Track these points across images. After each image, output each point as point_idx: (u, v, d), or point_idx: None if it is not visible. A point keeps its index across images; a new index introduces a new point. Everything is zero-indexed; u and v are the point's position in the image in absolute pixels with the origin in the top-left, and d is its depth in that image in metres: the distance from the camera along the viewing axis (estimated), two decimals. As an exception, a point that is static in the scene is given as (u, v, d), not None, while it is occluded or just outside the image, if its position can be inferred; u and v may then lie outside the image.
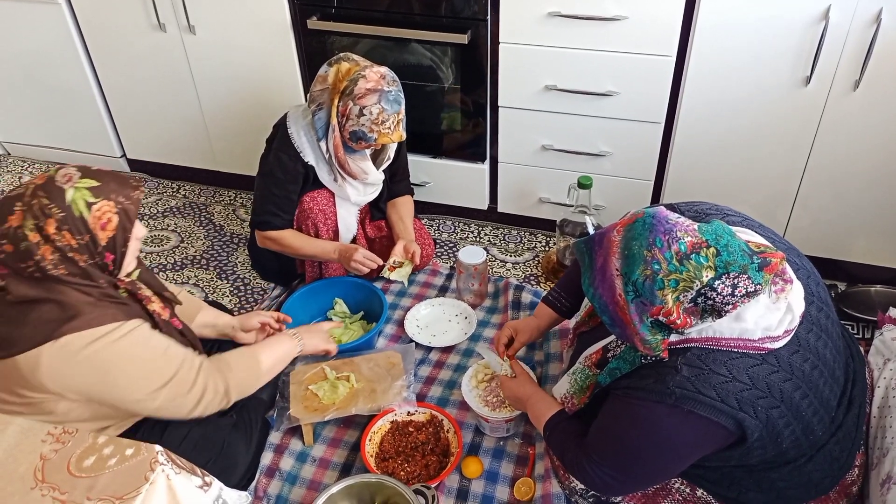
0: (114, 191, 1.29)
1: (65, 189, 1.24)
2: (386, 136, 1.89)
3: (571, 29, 2.00)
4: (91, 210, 1.25)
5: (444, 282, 2.32)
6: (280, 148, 1.96)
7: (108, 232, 1.28)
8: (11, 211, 1.23)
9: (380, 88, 1.84)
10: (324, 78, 1.90)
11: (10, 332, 1.23)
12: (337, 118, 1.89)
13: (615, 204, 2.32)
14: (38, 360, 1.21)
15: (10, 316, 1.24)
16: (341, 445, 1.76)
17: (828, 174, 2.04)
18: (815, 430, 1.25)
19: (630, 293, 1.16)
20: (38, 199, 1.23)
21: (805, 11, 1.79)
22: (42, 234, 1.22)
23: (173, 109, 2.61)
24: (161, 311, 1.44)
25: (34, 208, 1.23)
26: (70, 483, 0.98)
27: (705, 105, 2.02)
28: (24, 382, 1.24)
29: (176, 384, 1.34)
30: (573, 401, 1.44)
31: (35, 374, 1.22)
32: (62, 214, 1.23)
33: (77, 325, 1.24)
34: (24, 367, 1.22)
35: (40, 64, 2.65)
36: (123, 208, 1.30)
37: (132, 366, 1.30)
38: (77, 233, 1.25)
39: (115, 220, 1.28)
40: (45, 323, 1.23)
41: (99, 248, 1.28)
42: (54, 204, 1.23)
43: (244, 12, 2.27)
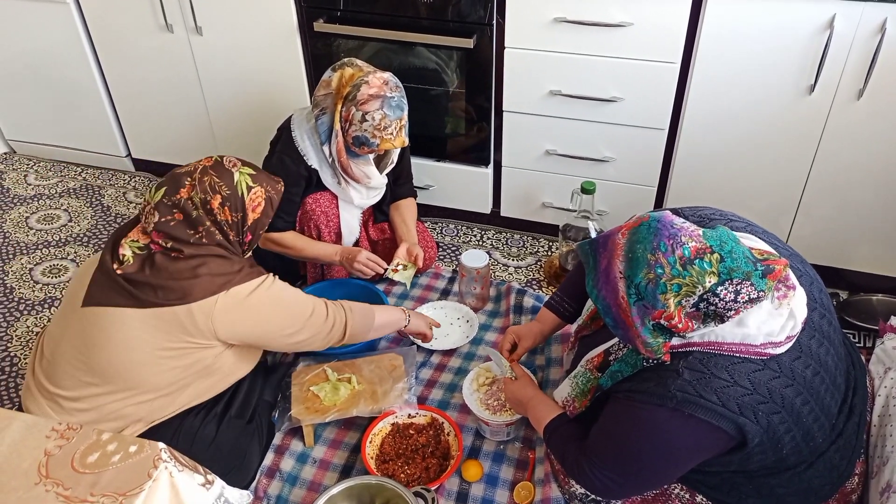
0: (265, 180, 1.52)
1: (233, 172, 1.46)
2: (388, 142, 1.90)
3: (577, 35, 2.01)
4: (249, 193, 1.47)
5: (447, 285, 2.32)
6: (283, 151, 1.97)
7: (255, 214, 1.50)
8: (183, 184, 1.43)
9: (382, 94, 1.85)
10: (327, 83, 1.90)
11: (182, 283, 1.40)
12: (340, 123, 1.89)
13: (618, 209, 2.32)
14: (213, 308, 1.43)
15: (176, 269, 1.42)
16: (342, 447, 1.76)
17: (831, 183, 2.04)
18: (815, 437, 1.26)
19: (632, 296, 1.16)
20: (210, 177, 1.43)
21: (810, 20, 1.80)
22: (206, 208, 1.43)
23: (179, 110, 2.62)
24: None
25: (205, 184, 1.43)
26: (74, 479, 0.99)
27: (709, 112, 2.03)
28: (191, 328, 1.42)
29: (317, 315, 1.60)
30: (574, 404, 1.44)
31: (208, 320, 1.43)
32: (228, 192, 1.44)
33: (241, 278, 1.47)
34: (198, 314, 1.41)
35: (47, 63, 2.66)
36: (270, 197, 1.53)
37: (284, 306, 1.55)
38: (234, 210, 1.46)
39: (262, 205, 1.50)
40: (219, 275, 1.44)
41: (245, 227, 1.50)
42: (224, 182, 1.44)
43: (251, 14, 2.28)
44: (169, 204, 1.42)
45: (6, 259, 2.47)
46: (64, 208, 2.75)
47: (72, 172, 2.96)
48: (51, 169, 2.98)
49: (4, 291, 2.33)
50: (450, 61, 2.21)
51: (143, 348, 1.42)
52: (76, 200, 2.79)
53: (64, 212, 2.73)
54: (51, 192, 2.84)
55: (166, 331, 1.42)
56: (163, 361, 1.45)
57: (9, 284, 2.36)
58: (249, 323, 1.49)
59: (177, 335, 1.43)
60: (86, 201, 2.79)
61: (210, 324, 1.43)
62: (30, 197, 2.82)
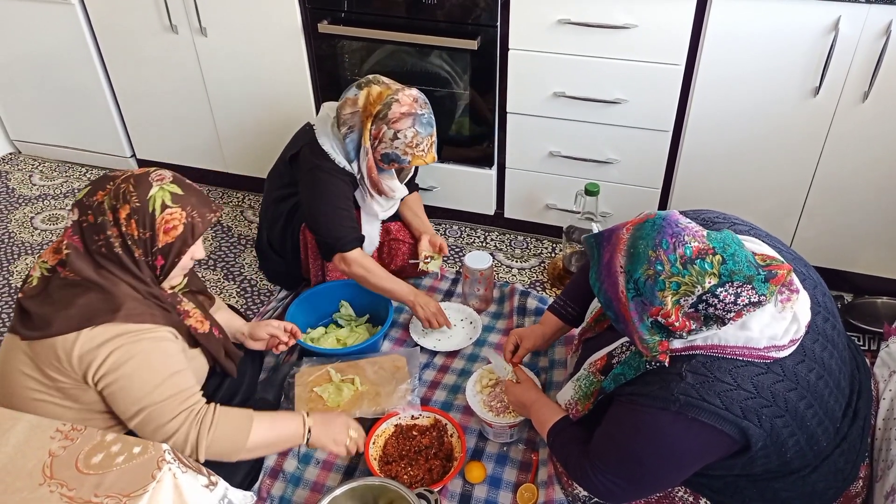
0: (192, 204, 1.37)
1: (152, 185, 1.34)
2: (419, 159, 1.91)
3: (581, 36, 2.01)
4: (163, 212, 1.33)
5: (450, 286, 2.32)
6: (321, 166, 1.93)
7: (168, 237, 1.35)
8: (103, 187, 1.34)
9: (413, 112, 1.86)
10: (353, 101, 1.90)
11: (53, 313, 1.29)
12: (370, 141, 1.90)
13: (622, 211, 2.32)
14: (74, 343, 1.27)
15: (58, 297, 1.31)
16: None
17: (835, 185, 2.04)
18: (819, 441, 1.25)
19: (631, 291, 1.16)
20: (126, 185, 1.33)
21: (815, 22, 1.80)
22: (115, 216, 1.32)
23: (184, 111, 2.63)
24: (199, 324, 1.50)
25: (119, 190, 1.32)
26: (78, 480, 0.99)
27: (713, 114, 2.02)
28: (56, 364, 1.29)
29: (160, 409, 1.31)
30: (577, 407, 1.44)
31: (68, 356, 1.27)
32: (137, 205, 1.32)
33: (118, 317, 1.30)
34: (60, 348, 1.28)
35: (53, 64, 2.67)
36: (192, 223, 1.37)
37: (142, 368, 1.31)
38: (142, 226, 1.33)
39: (179, 229, 1.36)
40: (91, 309, 1.29)
41: (154, 249, 1.35)
42: (136, 194, 1.32)
43: (256, 15, 2.29)
44: (86, 204, 1.33)
45: (11, 259, 2.48)
46: (68, 208, 2.76)
47: (76, 173, 2.97)
48: (55, 169, 2.99)
49: (9, 291, 2.33)
50: (454, 63, 2.21)
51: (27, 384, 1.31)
52: (81, 201, 2.80)
53: (68, 212, 2.74)
54: (55, 193, 2.85)
55: (40, 368, 1.30)
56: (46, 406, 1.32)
57: (14, 284, 2.37)
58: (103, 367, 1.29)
59: (50, 374, 1.30)
60: (90, 201, 2.79)
61: (70, 360, 1.27)
62: (35, 197, 2.82)
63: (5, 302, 2.29)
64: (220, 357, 1.56)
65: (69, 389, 1.32)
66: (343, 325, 2.14)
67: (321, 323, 2.15)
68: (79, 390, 1.32)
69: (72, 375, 1.30)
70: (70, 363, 1.28)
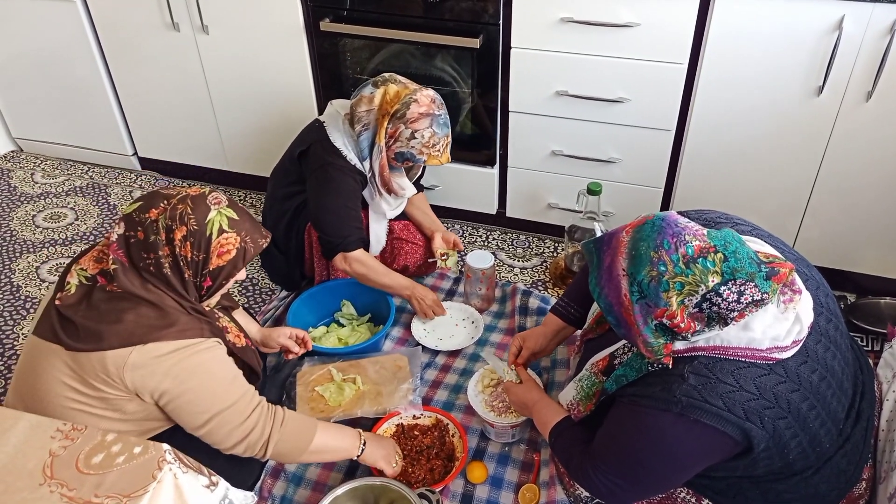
0: (246, 230, 1.37)
1: (210, 208, 1.33)
2: (435, 159, 1.93)
3: (583, 35, 2.00)
4: (220, 236, 1.33)
5: (452, 286, 2.32)
6: (333, 163, 1.93)
7: (220, 260, 1.35)
8: (156, 205, 1.32)
9: (431, 113, 1.87)
10: (370, 99, 1.90)
11: (103, 326, 1.27)
12: (385, 139, 1.90)
13: (624, 210, 2.31)
14: (126, 360, 1.27)
15: (105, 310, 1.29)
16: (346, 447, 1.76)
17: (839, 185, 2.03)
18: (822, 442, 1.25)
19: (635, 293, 1.15)
20: (185, 206, 1.31)
21: (818, 21, 1.79)
22: (168, 236, 1.30)
23: (185, 108, 2.63)
24: (236, 339, 1.51)
25: (176, 211, 1.30)
26: (78, 480, 0.99)
27: (716, 113, 2.02)
28: (104, 377, 1.28)
29: (233, 412, 1.36)
30: (579, 407, 1.44)
31: (120, 371, 1.27)
32: (195, 227, 1.31)
33: (170, 333, 1.30)
34: (110, 364, 1.27)
35: (54, 61, 2.67)
36: (245, 248, 1.38)
37: (206, 379, 1.34)
38: (197, 249, 1.32)
39: (232, 253, 1.36)
40: (142, 325, 1.29)
41: (205, 270, 1.35)
42: (194, 216, 1.31)
43: (257, 13, 2.28)
44: (136, 220, 1.31)
45: (13, 257, 2.48)
46: (70, 206, 2.76)
47: (78, 171, 2.97)
48: (57, 167, 2.99)
49: (11, 290, 2.33)
50: (455, 61, 2.20)
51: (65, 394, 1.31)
52: (82, 199, 2.80)
53: (70, 210, 2.74)
54: (57, 191, 2.85)
55: (84, 379, 1.29)
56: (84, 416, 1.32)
57: (15, 283, 2.37)
58: (162, 385, 1.30)
59: (95, 385, 1.29)
60: (92, 200, 2.80)
61: (121, 376, 1.28)
62: (36, 195, 2.82)
63: (7, 301, 2.29)
64: (255, 366, 1.57)
65: (115, 400, 1.31)
66: (345, 324, 2.14)
67: (323, 322, 2.15)
68: (123, 401, 1.32)
69: (121, 388, 1.29)
70: (121, 378, 1.28)
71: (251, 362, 1.56)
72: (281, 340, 1.79)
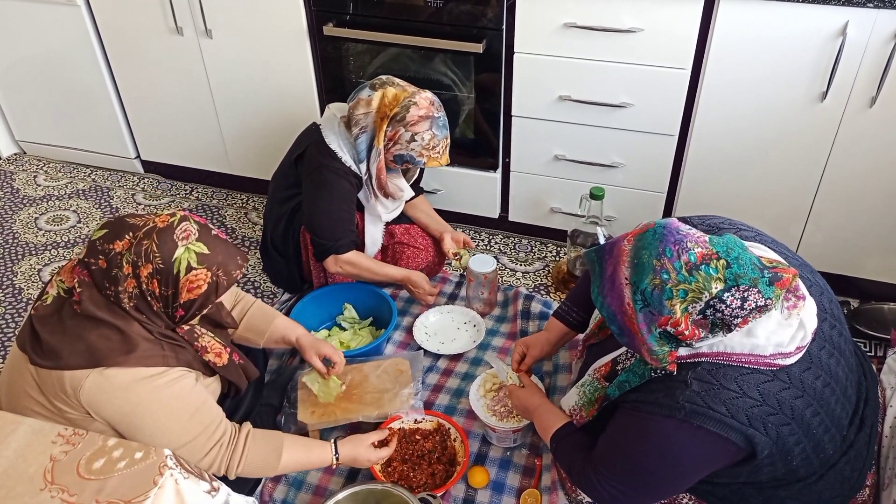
0: (217, 263, 1.32)
1: (177, 245, 1.28)
2: (435, 161, 1.94)
3: (587, 40, 2.00)
4: (188, 273, 1.29)
5: (454, 290, 2.32)
6: (328, 166, 1.93)
7: (191, 295, 1.31)
8: (121, 236, 1.27)
9: (431, 115, 1.88)
10: (367, 102, 1.90)
11: (64, 345, 1.26)
12: (383, 142, 1.90)
13: (627, 215, 2.31)
14: (82, 382, 1.25)
15: (70, 327, 1.28)
16: (348, 452, 1.76)
17: (842, 190, 2.03)
18: (826, 449, 1.24)
19: (638, 302, 1.15)
20: (151, 242, 1.26)
21: (822, 27, 1.79)
22: (134, 272, 1.26)
23: (188, 112, 2.63)
24: (217, 358, 1.46)
25: (142, 247, 1.26)
26: (79, 485, 0.99)
27: (720, 118, 2.01)
28: (63, 397, 1.27)
29: (190, 449, 1.34)
30: (581, 413, 1.43)
31: (76, 393, 1.25)
32: (161, 266, 1.26)
33: (129, 359, 1.27)
34: (68, 384, 1.25)
35: (58, 65, 2.67)
36: (217, 281, 1.33)
37: (162, 415, 1.32)
38: (164, 285, 1.28)
39: (203, 288, 1.31)
40: (102, 348, 1.26)
41: (175, 304, 1.31)
42: (160, 254, 1.26)
43: (261, 17, 2.28)
44: (99, 249, 1.27)
45: (15, 259, 2.48)
46: (73, 209, 2.76)
47: (81, 174, 2.97)
48: (60, 170, 2.99)
49: (13, 292, 2.33)
50: (459, 66, 2.20)
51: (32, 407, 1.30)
52: (85, 202, 2.80)
53: (73, 213, 2.74)
54: (60, 193, 2.85)
55: (46, 396, 1.28)
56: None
57: (17, 285, 2.37)
58: (117, 415, 1.28)
59: (56, 404, 1.28)
60: (95, 202, 2.80)
61: (78, 398, 1.26)
62: (39, 198, 2.83)
63: (9, 303, 2.29)
64: (239, 383, 1.55)
65: (76, 420, 1.30)
66: (346, 327, 2.14)
67: (324, 325, 2.15)
68: (87, 421, 1.30)
69: (79, 409, 1.28)
70: (77, 400, 1.26)
71: (234, 379, 1.53)
72: (326, 350, 1.75)
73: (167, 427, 1.32)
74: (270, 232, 2.14)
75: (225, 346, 1.51)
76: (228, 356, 1.51)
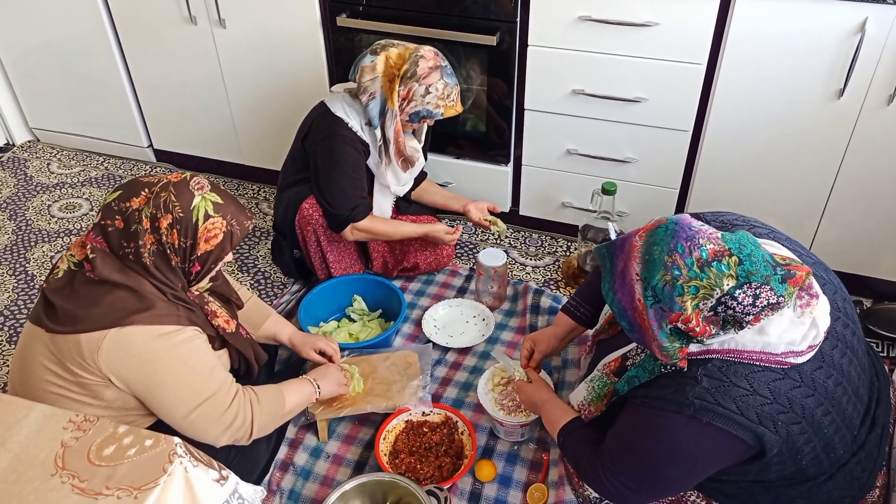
0: (231, 213, 1.37)
1: (194, 194, 1.33)
2: (451, 109, 1.95)
3: (601, 34, 1.99)
4: (206, 221, 1.33)
5: (464, 283, 2.32)
6: (336, 135, 1.93)
7: (208, 245, 1.35)
8: (137, 194, 1.32)
9: (440, 65, 1.89)
10: (371, 67, 1.89)
11: (80, 310, 1.28)
12: (398, 102, 1.89)
13: (639, 211, 2.30)
14: (100, 343, 1.27)
15: (84, 294, 1.30)
16: (355, 443, 1.77)
17: (857, 188, 2.01)
18: (836, 449, 1.23)
19: (649, 298, 1.15)
20: (168, 194, 1.31)
21: (840, 23, 1.77)
22: (153, 225, 1.30)
23: (201, 101, 2.63)
24: (226, 324, 1.50)
25: (160, 199, 1.30)
26: (89, 471, 0.99)
27: (735, 114, 2.00)
28: (80, 361, 1.29)
29: (212, 404, 1.37)
30: (590, 408, 1.43)
31: (94, 355, 1.28)
32: (181, 215, 1.31)
33: (146, 317, 1.30)
34: (85, 347, 1.27)
35: (72, 53, 2.68)
36: (231, 231, 1.38)
37: (182, 371, 1.34)
38: (184, 235, 1.32)
39: (219, 237, 1.36)
40: (118, 309, 1.29)
41: (193, 256, 1.35)
42: (179, 203, 1.31)
43: (274, 8, 2.28)
44: (115, 209, 1.31)
45: (28, 246, 2.50)
46: (85, 197, 2.77)
47: (94, 161, 2.98)
48: (73, 158, 3.01)
49: (26, 279, 2.35)
50: (472, 58, 2.20)
51: (45, 377, 1.33)
52: (97, 189, 2.82)
53: (85, 200, 2.75)
54: (73, 181, 2.87)
55: (62, 363, 1.30)
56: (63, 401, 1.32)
57: (30, 272, 2.38)
58: (137, 373, 1.31)
59: (72, 370, 1.30)
60: (107, 190, 2.81)
61: (95, 360, 1.28)
62: (52, 185, 2.84)
63: (22, 290, 2.31)
64: (248, 355, 1.58)
65: (91, 385, 1.32)
66: (356, 319, 2.14)
67: (334, 317, 2.15)
68: (100, 387, 1.33)
69: (96, 373, 1.30)
70: (95, 362, 1.28)
71: (243, 349, 1.55)
72: (320, 345, 1.78)
73: (188, 382, 1.35)
74: (279, 218, 2.14)
75: (231, 316, 1.54)
76: (236, 327, 1.54)
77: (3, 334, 2.13)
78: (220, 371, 1.42)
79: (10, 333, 2.13)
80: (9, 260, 2.44)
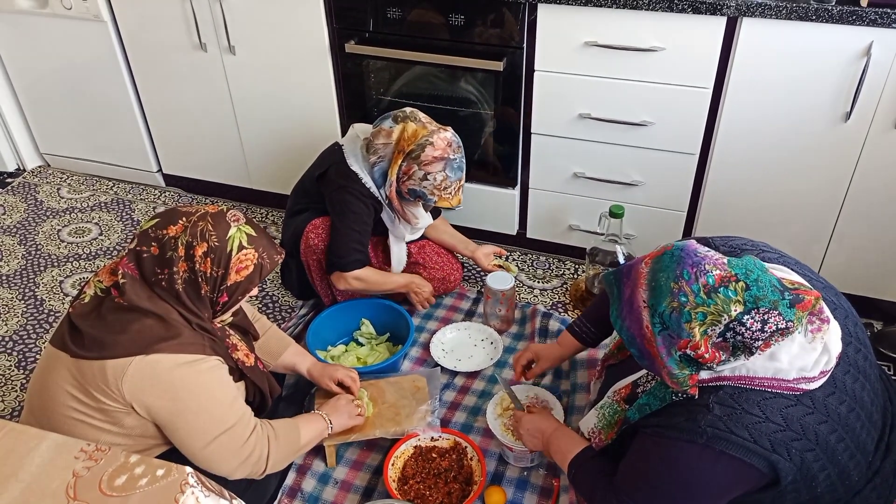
0: (263, 246, 1.41)
1: (230, 225, 1.37)
2: (446, 201, 1.96)
3: (607, 59, 2.00)
4: (239, 252, 1.37)
5: (471, 306, 2.31)
6: (347, 187, 1.96)
7: (238, 276, 1.38)
8: (175, 222, 1.35)
9: (446, 157, 1.89)
10: (388, 133, 1.92)
11: (107, 336, 1.30)
12: (397, 174, 1.92)
13: (646, 234, 2.30)
14: (125, 369, 1.29)
15: (111, 321, 1.32)
16: (364, 468, 1.76)
17: (865, 211, 2.00)
18: (851, 475, 1.22)
19: (657, 325, 1.14)
20: (205, 223, 1.35)
21: (846, 47, 1.78)
22: (188, 252, 1.33)
23: (211, 127, 2.66)
24: (245, 357, 1.52)
25: (197, 228, 1.34)
26: (101, 501, 0.99)
27: (741, 138, 2.00)
28: (103, 388, 1.30)
29: (231, 435, 1.38)
30: (600, 436, 1.42)
31: (118, 381, 1.29)
32: (216, 244, 1.34)
33: (172, 346, 1.32)
34: (110, 373, 1.29)
35: (83, 78, 2.72)
36: (261, 263, 1.41)
37: (204, 399, 1.36)
38: (216, 265, 1.35)
39: (250, 269, 1.39)
40: (146, 336, 1.30)
41: (222, 286, 1.37)
42: (216, 233, 1.35)
43: (284, 35, 2.31)
44: (152, 236, 1.34)
45: (37, 271, 2.51)
46: (95, 222, 2.79)
47: (104, 186, 3.01)
48: (83, 182, 3.03)
49: (35, 303, 2.36)
50: (479, 84, 2.21)
51: (67, 402, 1.33)
52: (107, 214, 2.84)
53: (95, 225, 2.77)
54: (83, 206, 2.89)
55: (85, 388, 1.31)
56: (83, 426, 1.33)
57: (39, 296, 2.39)
58: (160, 400, 1.32)
59: (94, 395, 1.31)
60: (116, 215, 2.83)
61: (119, 386, 1.29)
62: (62, 210, 2.86)
63: (31, 315, 2.31)
64: (264, 388, 1.58)
65: (112, 412, 1.33)
66: (364, 343, 2.14)
67: (341, 341, 2.15)
68: (122, 414, 1.33)
69: (118, 400, 1.31)
70: (119, 388, 1.29)
71: (259, 383, 1.56)
72: (338, 376, 1.79)
73: (209, 411, 1.36)
74: (287, 242, 2.16)
75: (251, 350, 1.56)
76: (254, 360, 1.55)
77: (13, 359, 2.14)
78: (241, 403, 1.44)
79: (20, 358, 2.14)
80: (18, 285, 2.45)
